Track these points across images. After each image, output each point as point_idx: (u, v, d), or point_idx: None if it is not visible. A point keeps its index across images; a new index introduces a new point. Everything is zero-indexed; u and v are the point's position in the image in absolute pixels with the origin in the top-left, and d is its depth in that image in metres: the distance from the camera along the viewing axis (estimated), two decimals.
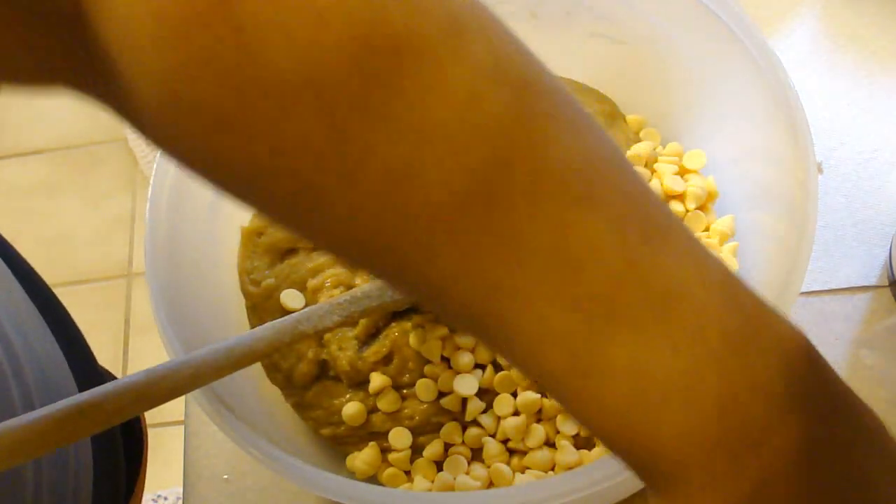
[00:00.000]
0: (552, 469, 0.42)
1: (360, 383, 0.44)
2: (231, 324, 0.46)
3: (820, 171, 0.52)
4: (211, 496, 0.47)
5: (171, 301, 0.40)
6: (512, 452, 0.43)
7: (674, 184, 0.46)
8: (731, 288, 0.23)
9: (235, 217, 0.47)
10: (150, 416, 0.55)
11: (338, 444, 0.44)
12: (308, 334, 0.39)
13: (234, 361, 0.36)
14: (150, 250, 0.40)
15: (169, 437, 1.19)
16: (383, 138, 0.21)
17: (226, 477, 0.47)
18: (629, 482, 0.41)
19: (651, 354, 0.22)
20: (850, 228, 0.50)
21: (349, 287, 0.46)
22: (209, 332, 0.43)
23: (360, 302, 0.40)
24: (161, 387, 0.33)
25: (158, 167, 0.42)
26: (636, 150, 0.48)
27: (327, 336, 0.45)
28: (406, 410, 0.44)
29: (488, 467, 0.42)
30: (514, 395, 0.43)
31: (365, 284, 0.41)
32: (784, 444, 0.22)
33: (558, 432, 0.42)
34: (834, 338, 0.48)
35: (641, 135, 0.50)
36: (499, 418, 0.43)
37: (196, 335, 0.40)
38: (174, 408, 0.45)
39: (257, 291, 0.46)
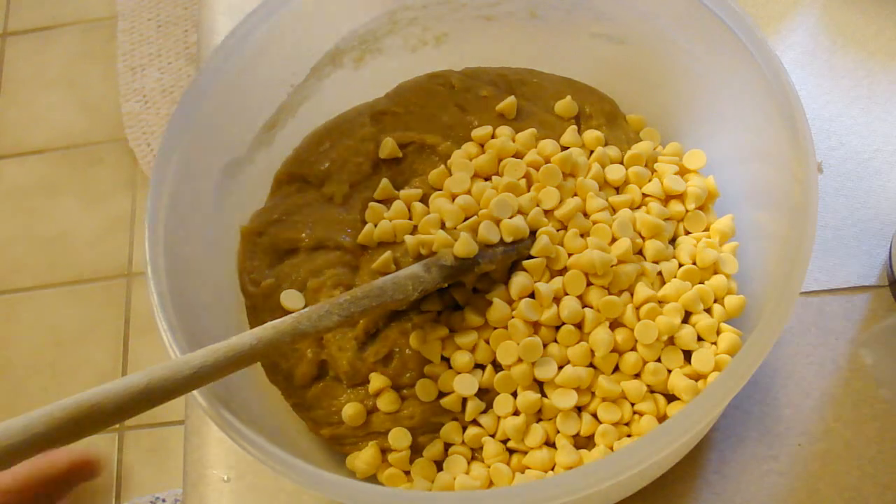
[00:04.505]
0: (552, 469, 0.42)
1: (359, 383, 0.44)
2: (231, 324, 0.46)
3: (820, 170, 0.52)
4: (211, 496, 0.47)
5: (171, 301, 0.40)
6: (511, 452, 0.43)
7: (674, 183, 0.46)
8: None
9: (235, 217, 0.47)
10: (150, 415, 0.55)
11: (338, 444, 0.44)
12: (308, 334, 0.39)
13: (234, 361, 0.36)
14: (151, 250, 0.40)
15: (169, 437, 1.20)
16: None
17: (226, 477, 0.47)
18: (629, 482, 0.41)
19: None
20: (850, 228, 0.50)
21: (349, 287, 0.46)
22: (209, 332, 0.43)
23: (361, 302, 0.40)
24: (161, 387, 0.33)
25: (158, 167, 0.42)
26: (636, 150, 0.48)
27: (327, 336, 0.45)
28: (406, 410, 0.44)
29: (488, 467, 0.42)
30: (514, 395, 0.43)
31: (365, 284, 0.41)
32: None
33: (558, 432, 0.42)
34: (834, 338, 0.48)
35: (641, 134, 0.50)
36: (498, 418, 0.43)
37: (196, 335, 0.40)
38: (174, 408, 0.45)
39: (257, 291, 0.46)
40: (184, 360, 0.35)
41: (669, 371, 0.43)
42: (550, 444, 0.42)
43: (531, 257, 0.44)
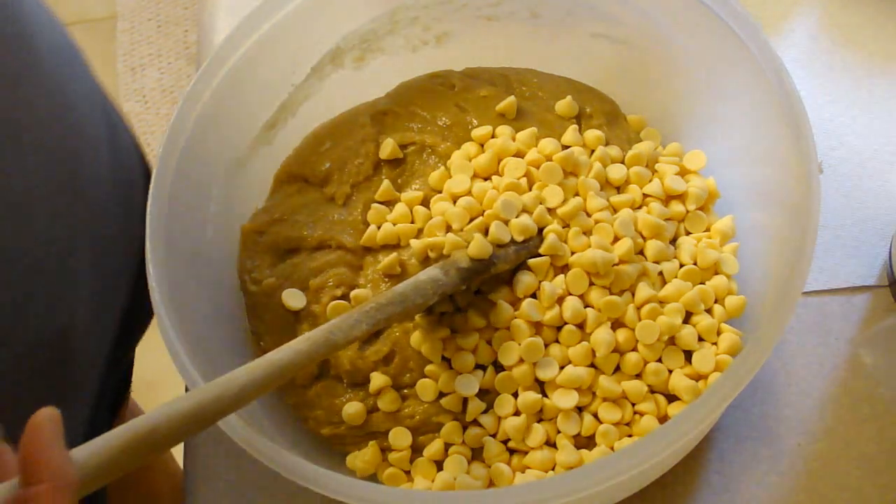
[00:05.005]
0: (552, 469, 0.42)
1: (360, 383, 0.44)
2: (231, 323, 0.46)
3: (820, 170, 0.52)
4: (211, 496, 0.47)
5: (172, 300, 0.40)
6: (512, 452, 0.43)
7: (674, 184, 0.46)
8: None
9: (235, 216, 0.47)
10: None
11: (338, 443, 0.44)
12: (340, 345, 0.39)
13: (276, 376, 0.36)
14: (151, 249, 0.40)
15: None
16: None
17: (226, 477, 0.47)
18: (629, 482, 0.41)
19: None
20: (850, 228, 0.50)
21: (351, 287, 0.46)
22: (210, 332, 0.43)
23: (386, 309, 0.40)
24: (210, 409, 0.34)
25: (158, 167, 0.42)
26: (637, 150, 0.48)
27: None
28: (406, 410, 0.44)
29: (488, 467, 0.42)
30: (515, 395, 0.43)
31: (387, 291, 0.41)
32: None
33: (559, 432, 0.42)
34: (834, 338, 0.48)
35: (642, 135, 0.50)
36: (499, 418, 0.43)
37: (196, 335, 0.40)
38: None
39: (258, 290, 0.46)
40: (228, 379, 0.35)
41: (670, 371, 0.43)
42: (551, 444, 0.42)
43: (539, 255, 0.44)
